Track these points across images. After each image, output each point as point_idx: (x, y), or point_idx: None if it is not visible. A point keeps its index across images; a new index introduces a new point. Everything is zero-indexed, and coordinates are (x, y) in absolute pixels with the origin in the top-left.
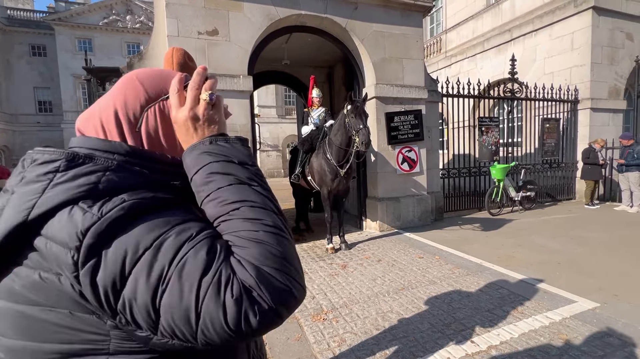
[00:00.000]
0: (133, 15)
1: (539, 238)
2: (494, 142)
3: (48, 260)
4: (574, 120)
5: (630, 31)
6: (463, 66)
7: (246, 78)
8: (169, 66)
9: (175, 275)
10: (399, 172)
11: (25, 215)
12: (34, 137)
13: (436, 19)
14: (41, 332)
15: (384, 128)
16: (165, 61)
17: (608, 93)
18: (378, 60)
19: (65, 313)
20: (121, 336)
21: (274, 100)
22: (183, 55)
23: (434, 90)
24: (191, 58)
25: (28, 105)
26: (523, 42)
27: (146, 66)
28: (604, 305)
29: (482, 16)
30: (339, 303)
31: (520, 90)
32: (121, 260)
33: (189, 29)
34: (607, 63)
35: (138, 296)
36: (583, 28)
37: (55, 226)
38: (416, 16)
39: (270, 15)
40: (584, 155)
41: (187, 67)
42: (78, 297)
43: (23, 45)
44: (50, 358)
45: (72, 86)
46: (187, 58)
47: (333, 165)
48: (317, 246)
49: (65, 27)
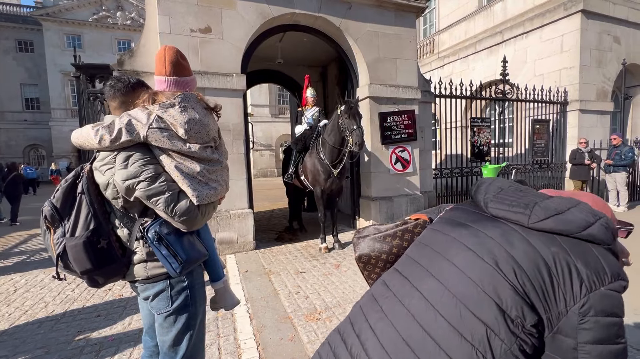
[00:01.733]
0: (124, 12)
1: None
2: (486, 142)
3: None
4: (564, 121)
5: (617, 34)
6: (455, 67)
7: (239, 76)
8: (162, 64)
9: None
10: (392, 171)
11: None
12: (21, 134)
13: (429, 19)
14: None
15: (377, 128)
16: (157, 59)
17: (596, 95)
18: (372, 60)
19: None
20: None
21: (267, 99)
22: (175, 53)
23: (427, 91)
24: (183, 56)
25: (14, 102)
26: (514, 44)
27: (137, 63)
28: None
29: (474, 18)
30: (333, 303)
31: (511, 91)
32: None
33: (182, 26)
34: (595, 66)
35: None
36: (572, 31)
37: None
38: (410, 17)
39: (264, 14)
40: (571, 156)
41: (179, 65)
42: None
43: (9, 40)
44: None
45: (60, 83)
46: (180, 56)
47: (326, 164)
48: (311, 245)
49: (53, 22)
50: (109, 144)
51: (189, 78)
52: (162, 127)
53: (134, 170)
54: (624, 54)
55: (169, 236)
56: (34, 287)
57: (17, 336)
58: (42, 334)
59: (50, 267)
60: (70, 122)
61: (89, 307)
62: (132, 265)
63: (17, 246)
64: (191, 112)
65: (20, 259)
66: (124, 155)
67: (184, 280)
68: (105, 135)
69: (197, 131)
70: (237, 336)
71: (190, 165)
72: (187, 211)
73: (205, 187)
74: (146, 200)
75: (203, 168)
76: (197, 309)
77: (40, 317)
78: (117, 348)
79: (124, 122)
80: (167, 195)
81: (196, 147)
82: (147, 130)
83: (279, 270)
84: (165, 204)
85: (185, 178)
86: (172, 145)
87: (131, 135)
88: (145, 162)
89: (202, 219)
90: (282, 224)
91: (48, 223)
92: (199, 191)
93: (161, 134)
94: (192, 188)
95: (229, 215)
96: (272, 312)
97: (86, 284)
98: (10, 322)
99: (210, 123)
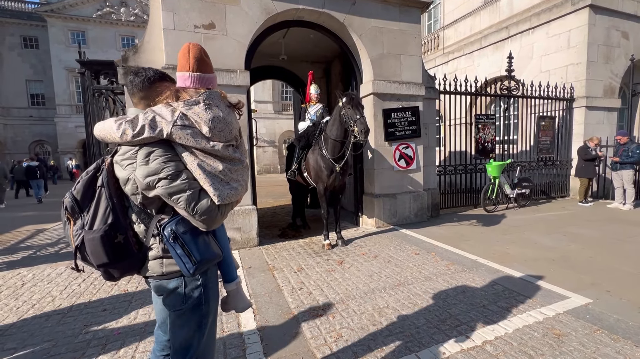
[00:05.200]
0: (127, 8)
1: (534, 235)
2: (490, 139)
3: None
4: (569, 118)
5: (626, 30)
6: (460, 63)
7: (243, 73)
8: (186, 60)
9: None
10: (396, 168)
11: None
12: (27, 130)
13: (434, 15)
14: None
15: (381, 124)
16: (181, 56)
17: (603, 92)
18: (376, 56)
19: None
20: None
21: (270, 96)
22: (200, 50)
23: (431, 87)
24: (207, 54)
25: (20, 98)
26: (520, 40)
27: (141, 59)
28: (597, 301)
29: (479, 13)
30: (336, 299)
31: (516, 88)
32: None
33: (185, 22)
34: (603, 62)
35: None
36: (580, 26)
37: None
38: (414, 12)
39: (267, 9)
40: (582, 152)
41: (203, 62)
42: None
43: (14, 36)
44: None
45: (65, 79)
46: (204, 53)
47: (329, 161)
48: (314, 242)
49: (57, 18)
50: (131, 139)
51: (211, 76)
52: (186, 125)
53: (155, 166)
54: (632, 49)
55: (185, 235)
56: (41, 281)
57: (25, 330)
58: (50, 328)
59: (56, 262)
60: (75, 118)
61: (95, 301)
62: (148, 261)
63: (24, 240)
64: (215, 110)
65: (28, 254)
66: (145, 151)
67: (198, 278)
68: (127, 130)
69: (221, 129)
70: (241, 331)
71: (213, 163)
72: (207, 210)
73: (227, 187)
74: (167, 197)
75: (225, 167)
76: (210, 308)
77: (47, 311)
78: (123, 342)
79: (148, 119)
80: (188, 193)
81: (219, 146)
82: (171, 128)
83: (282, 266)
84: (186, 202)
85: (208, 176)
86: (195, 143)
87: (154, 132)
88: (167, 159)
89: (221, 218)
90: (285, 220)
91: (68, 214)
92: (221, 191)
93: (185, 132)
94: (214, 187)
95: (232, 211)
96: (276, 308)
97: (102, 277)
98: (18, 315)
99: (233, 122)
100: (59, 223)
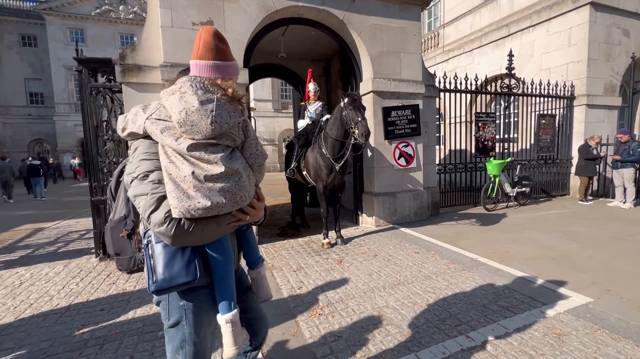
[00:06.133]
0: (126, 6)
1: (534, 233)
2: (490, 138)
3: None
4: (570, 116)
5: (627, 27)
6: (460, 61)
7: (242, 71)
8: (195, 47)
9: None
10: (396, 167)
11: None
12: (25, 129)
13: (434, 13)
14: None
15: (380, 122)
16: (196, 39)
17: (604, 90)
18: (375, 54)
19: None
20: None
21: (270, 94)
22: (212, 35)
23: (431, 85)
24: (222, 39)
25: (19, 96)
26: (520, 38)
27: (139, 57)
28: (597, 300)
29: (479, 11)
30: (335, 298)
31: (517, 86)
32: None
33: (183, 19)
34: (604, 60)
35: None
36: (580, 24)
37: None
38: (414, 9)
39: (266, 7)
40: (583, 151)
41: (214, 48)
42: None
43: (13, 35)
44: None
45: (64, 78)
46: (218, 38)
47: (328, 159)
48: (313, 241)
49: (56, 17)
50: (122, 134)
51: (225, 64)
52: (160, 119)
53: (134, 164)
54: (634, 47)
55: (158, 244)
56: (38, 281)
57: (22, 329)
58: (47, 328)
59: (54, 261)
60: (74, 116)
61: (93, 301)
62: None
63: (22, 239)
64: (190, 99)
65: (26, 253)
66: (133, 147)
67: (180, 298)
68: (120, 125)
69: (194, 123)
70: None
71: (181, 166)
72: (161, 222)
73: (194, 198)
74: (133, 198)
75: (194, 172)
76: (194, 335)
77: (45, 310)
78: (120, 342)
79: (133, 112)
80: (148, 197)
81: (185, 144)
82: (145, 121)
83: (282, 265)
84: (143, 208)
85: (170, 182)
86: (162, 139)
87: (134, 125)
88: (145, 157)
89: (191, 236)
90: (284, 219)
91: (110, 201)
92: (182, 201)
93: (155, 126)
94: (173, 195)
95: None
96: (275, 307)
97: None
98: (15, 315)
99: (223, 116)
100: (58, 222)
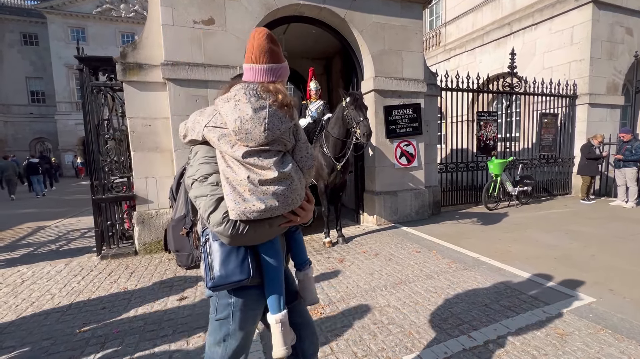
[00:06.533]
0: (127, 4)
1: (536, 233)
2: (492, 137)
3: None
4: (572, 115)
5: (630, 26)
6: (462, 59)
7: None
8: (249, 50)
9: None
10: (397, 166)
11: None
12: (27, 128)
13: (436, 11)
14: None
15: (382, 121)
16: (249, 42)
17: (606, 89)
18: (377, 53)
19: None
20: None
21: None
22: (266, 37)
23: (433, 84)
24: (275, 41)
25: (20, 95)
26: (523, 36)
27: (140, 56)
28: (600, 300)
29: (481, 9)
30: (336, 297)
31: (519, 85)
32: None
33: (184, 17)
34: (606, 59)
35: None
36: (583, 22)
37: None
38: (416, 8)
39: (267, 5)
40: (586, 150)
41: (268, 51)
42: None
43: (14, 33)
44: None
45: (65, 76)
46: (271, 40)
47: (330, 158)
48: (315, 240)
49: (57, 15)
50: (183, 141)
51: (278, 66)
52: (217, 126)
53: (195, 167)
54: (636, 46)
55: (215, 242)
56: (40, 279)
57: (24, 328)
58: (49, 326)
59: (55, 259)
60: (76, 115)
61: (94, 299)
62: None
63: (24, 238)
64: (243, 108)
65: (27, 251)
66: (193, 151)
67: (230, 295)
68: (181, 132)
69: (248, 131)
70: None
71: (237, 170)
72: (219, 223)
73: (249, 201)
74: (194, 200)
75: (250, 177)
76: (238, 331)
77: (46, 309)
78: (122, 340)
79: (192, 119)
80: (207, 199)
81: (241, 151)
82: (203, 128)
83: None
84: (203, 208)
85: (228, 185)
86: (219, 145)
87: (194, 132)
88: (204, 161)
89: (245, 237)
90: None
91: (170, 201)
92: (238, 204)
93: (213, 133)
94: (230, 198)
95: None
96: None
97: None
98: (17, 313)
99: (275, 122)
100: (59, 221)
